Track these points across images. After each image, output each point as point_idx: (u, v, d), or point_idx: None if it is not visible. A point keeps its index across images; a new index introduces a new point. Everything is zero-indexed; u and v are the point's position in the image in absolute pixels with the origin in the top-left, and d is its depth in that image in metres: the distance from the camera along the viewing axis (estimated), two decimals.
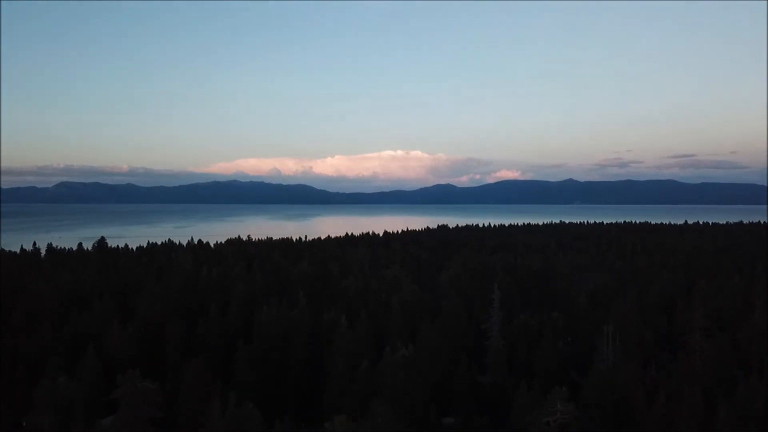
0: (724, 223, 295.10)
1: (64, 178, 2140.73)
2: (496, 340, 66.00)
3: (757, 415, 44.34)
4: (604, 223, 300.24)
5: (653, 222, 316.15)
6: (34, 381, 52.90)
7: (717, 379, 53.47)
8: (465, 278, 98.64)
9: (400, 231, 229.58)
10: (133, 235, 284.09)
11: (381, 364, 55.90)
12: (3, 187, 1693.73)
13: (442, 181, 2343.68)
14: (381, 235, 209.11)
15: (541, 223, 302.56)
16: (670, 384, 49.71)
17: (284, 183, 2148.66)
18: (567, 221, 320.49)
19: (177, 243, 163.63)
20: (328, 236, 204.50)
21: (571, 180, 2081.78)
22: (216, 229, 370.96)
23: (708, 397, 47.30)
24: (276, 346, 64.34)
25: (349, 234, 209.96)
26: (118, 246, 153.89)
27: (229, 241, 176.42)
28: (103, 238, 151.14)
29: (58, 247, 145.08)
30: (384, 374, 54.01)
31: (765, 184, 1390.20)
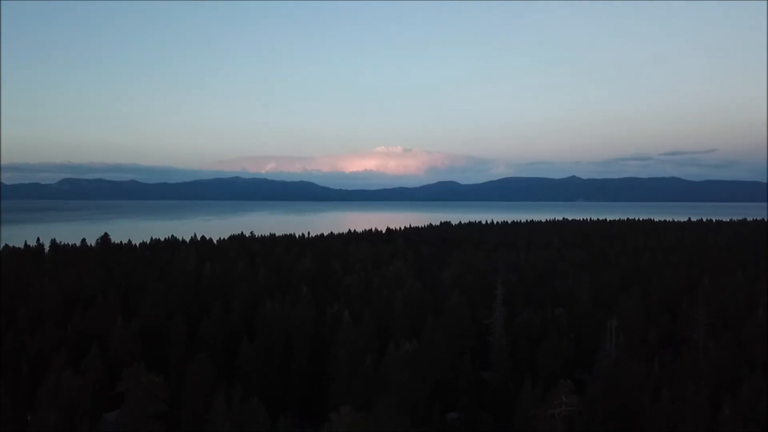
0: (728, 220, 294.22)
1: (68, 175, 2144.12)
2: (500, 336, 65.91)
3: (762, 415, 44.24)
4: (607, 220, 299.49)
5: (656, 219, 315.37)
6: (39, 379, 53.06)
7: (721, 378, 53.34)
8: (468, 275, 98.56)
9: (402, 228, 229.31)
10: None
11: (384, 360, 55.94)
12: (6, 183, 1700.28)
13: (445, 178, 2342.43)
14: (384, 231, 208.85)
15: (543, 220, 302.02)
16: (675, 382, 49.58)
17: (287, 180, 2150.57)
18: (570, 218, 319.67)
19: (180, 239, 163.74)
20: (331, 233, 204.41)
21: (574, 177, 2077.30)
22: (219, 226, 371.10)
23: (713, 395, 47.20)
24: (279, 343, 64.43)
25: (352, 231, 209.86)
26: (121, 242, 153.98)
27: (232, 238, 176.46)
28: (106, 235, 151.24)
29: (62, 243, 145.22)
30: (387, 370, 54.05)
31: (765, 181, 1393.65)
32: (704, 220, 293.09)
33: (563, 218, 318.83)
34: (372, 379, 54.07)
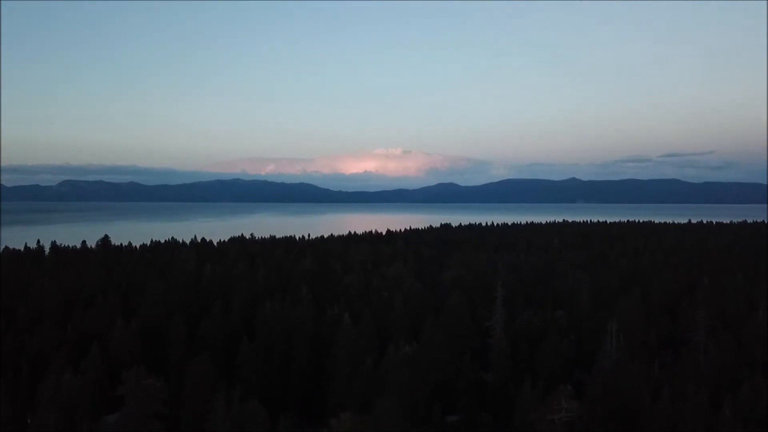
0: (728, 222, 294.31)
1: (67, 177, 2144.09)
2: (500, 338, 65.93)
3: (762, 416, 44.26)
4: (607, 221, 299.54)
5: (656, 221, 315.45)
6: (39, 379, 53.05)
7: (721, 379, 53.36)
8: (468, 277, 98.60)
9: (402, 229, 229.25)
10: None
11: (384, 361, 55.93)
12: (6, 185, 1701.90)
13: (444, 180, 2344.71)
14: (383, 233, 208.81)
15: (544, 222, 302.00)
16: (675, 383, 49.62)
17: (287, 181, 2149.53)
18: (570, 220, 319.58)
19: (180, 241, 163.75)
20: (331, 234, 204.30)
21: (574, 179, 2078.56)
22: (219, 227, 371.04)
23: (713, 396, 47.22)
24: (279, 343, 64.45)
25: (352, 232, 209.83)
26: (121, 244, 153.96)
27: (232, 239, 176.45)
28: (106, 236, 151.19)
29: (62, 245, 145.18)
30: (387, 372, 54.05)
31: (765, 183, 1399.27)
32: (704, 221, 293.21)
33: (563, 220, 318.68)
34: (372, 380, 54.08)
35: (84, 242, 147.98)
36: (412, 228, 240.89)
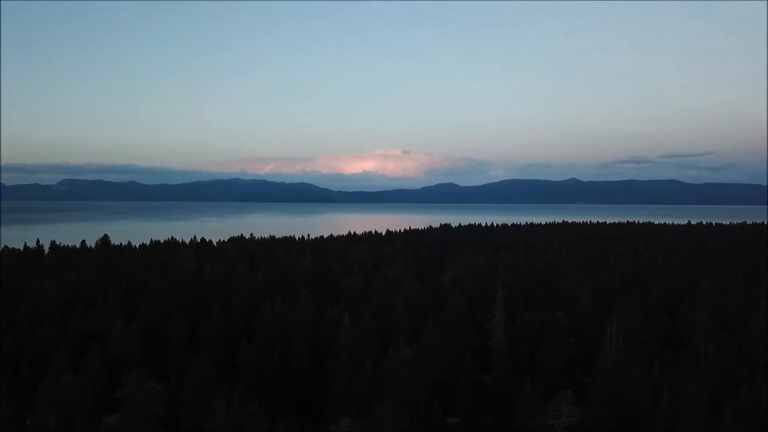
0: (728, 223, 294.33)
1: (66, 176, 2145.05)
2: (500, 339, 65.87)
3: (762, 417, 44.27)
4: (607, 222, 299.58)
5: (656, 222, 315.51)
6: (38, 379, 53.00)
7: (721, 379, 53.37)
8: (468, 277, 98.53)
9: (402, 230, 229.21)
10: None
11: (384, 363, 55.90)
12: (6, 184, 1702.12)
13: (444, 180, 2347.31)
14: (383, 233, 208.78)
15: (543, 223, 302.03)
16: (675, 384, 49.62)
17: (287, 181, 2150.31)
18: (570, 221, 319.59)
19: (180, 241, 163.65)
20: (331, 235, 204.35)
21: (573, 179, 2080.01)
22: (218, 227, 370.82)
23: (713, 396, 47.24)
24: (279, 343, 64.42)
25: (352, 232, 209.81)
26: (121, 244, 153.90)
27: (232, 239, 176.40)
28: (106, 236, 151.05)
29: (62, 245, 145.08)
30: (387, 373, 54.01)
31: (765, 184, 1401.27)
32: (704, 222, 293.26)
33: (563, 220, 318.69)
34: (372, 380, 54.06)
35: (84, 242, 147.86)
36: (412, 228, 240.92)
